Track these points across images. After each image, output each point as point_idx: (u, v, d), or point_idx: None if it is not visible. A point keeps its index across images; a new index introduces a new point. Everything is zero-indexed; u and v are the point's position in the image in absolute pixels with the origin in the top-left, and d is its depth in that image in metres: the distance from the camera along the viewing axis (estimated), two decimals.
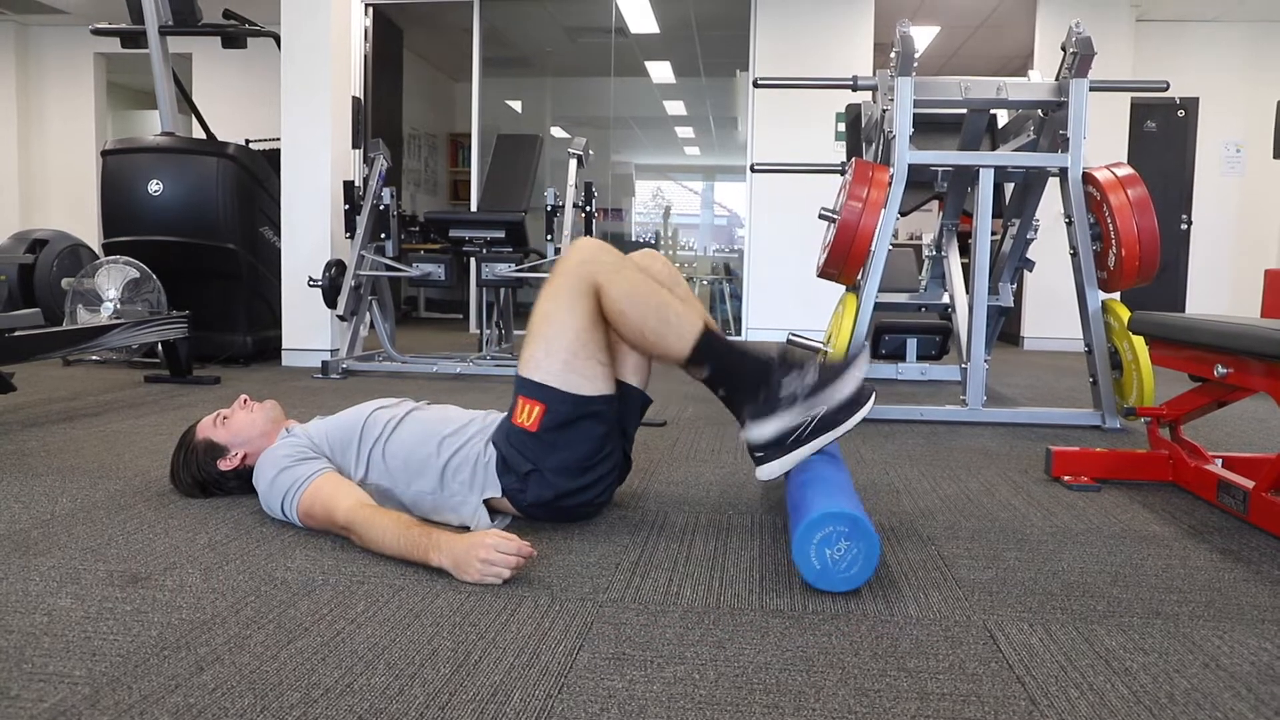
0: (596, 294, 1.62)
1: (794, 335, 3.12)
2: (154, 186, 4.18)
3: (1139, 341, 2.85)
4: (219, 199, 4.20)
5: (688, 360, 1.65)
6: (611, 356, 1.71)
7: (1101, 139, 5.88)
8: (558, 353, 1.63)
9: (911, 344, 4.24)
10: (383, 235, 4.24)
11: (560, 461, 1.64)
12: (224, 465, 1.82)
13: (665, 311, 1.63)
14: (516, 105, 8.21)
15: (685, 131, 9.10)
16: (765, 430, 1.65)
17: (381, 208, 4.20)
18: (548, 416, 1.63)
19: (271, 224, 4.45)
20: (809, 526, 1.38)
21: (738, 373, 1.66)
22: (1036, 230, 3.49)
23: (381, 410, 1.79)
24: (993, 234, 3.27)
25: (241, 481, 1.83)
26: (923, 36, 7.49)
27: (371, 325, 4.42)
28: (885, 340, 4.27)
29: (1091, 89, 2.95)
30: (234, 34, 4.46)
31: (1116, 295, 3.52)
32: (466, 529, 1.65)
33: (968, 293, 3.17)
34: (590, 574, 1.46)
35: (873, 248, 2.96)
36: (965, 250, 3.50)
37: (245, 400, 1.88)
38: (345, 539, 1.58)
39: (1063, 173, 2.98)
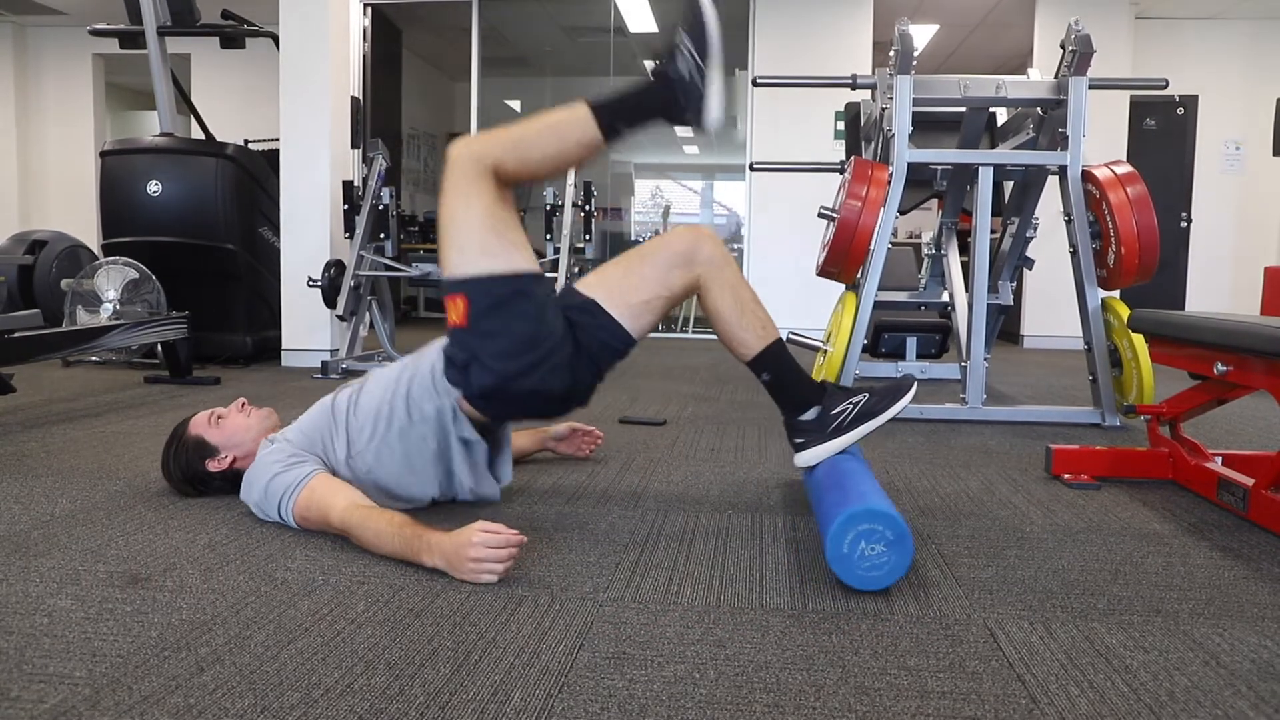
0: (490, 174, 1.63)
1: (794, 334, 3.13)
2: (153, 187, 4.18)
3: (1139, 339, 2.85)
4: (218, 199, 4.20)
5: (603, 135, 1.65)
6: (616, 279, 1.71)
7: (1101, 137, 5.88)
8: (469, 246, 1.62)
9: (911, 342, 4.24)
10: (382, 235, 4.24)
11: (497, 347, 1.62)
12: (212, 466, 1.82)
13: (547, 123, 1.66)
14: (515, 105, 8.21)
15: (684, 130, 9.09)
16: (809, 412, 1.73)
17: (381, 208, 4.20)
18: (472, 306, 1.62)
19: (271, 224, 4.45)
20: (861, 514, 1.37)
21: (643, 109, 1.71)
22: (1036, 228, 3.48)
23: (344, 392, 1.81)
24: (992, 232, 3.27)
25: (227, 483, 1.83)
26: (922, 35, 7.49)
27: (371, 325, 4.42)
28: (885, 339, 4.26)
29: (1090, 87, 2.95)
30: (232, 34, 4.46)
31: (1116, 293, 3.53)
32: (453, 500, 1.67)
33: (967, 291, 3.17)
34: (590, 573, 1.46)
35: (872, 246, 2.95)
36: (965, 248, 3.50)
37: (243, 404, 1.88)
38: (344, 539, 1.58)
39: (1062, 171, 2.98)
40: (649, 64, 1.73)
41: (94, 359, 4.25)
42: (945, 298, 3.70)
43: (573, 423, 2.29)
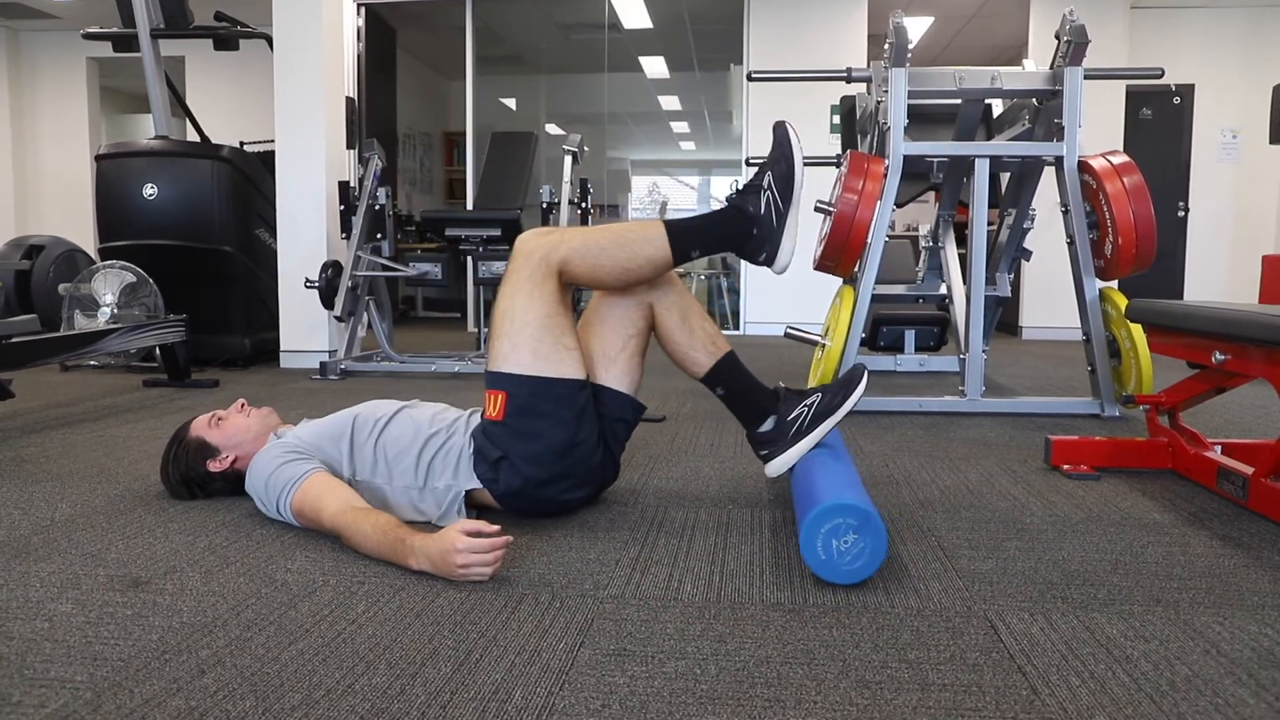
0: (557, 274, 1.64)
1: (792, 328, 3.13)
2: (149, 190, 4.18)
3: (1137, 329, 2.85)
4: (214, 202, 4.19)
5: (675, 258, 1.68)
6: (585, 346, 1.74)
7: (1097, 127, 5.87)
8: (522, 344, 1.63)
9: (909, 335, 4.24)
10: (379, 235, 4.24)
11: (530, 449, 1.64)
12: (213, 466, 1.82)
13: (622, 236, 1.68)
14: (511, 103, 8.20)
15: (680, 126, 9.09)
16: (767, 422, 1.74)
17: (377, 208, 4.19)
18: (511, 403, 1.63)
19: (267, 226, 4.44)
20: (818, 516, 1.38)
21: (718, 239, 1.75)
22: (1033, 220, 3.48)
23: (371, 410, 1.79)
24: (989, 224, 3.26)
25: (228, 484, 1.83)
26: (916, 28, 7.48)
27: (369, 325, 4.41)
28: (883, 332, 4.27)
29: (1086, 77, 2.94)
30: (226, 36, 4.45)
31: (1114, 283, 3.53)
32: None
33: (965, 283, 3.17)
34: (590, 571, 1.46)
35: (869, 239, 2.95)
36: (962, 240, 3.50)
37: (243, 405, 1.88)
38: None
39: (1058, 161, 2.97)
40: (729, 194, 1.77)
41: (92, 363, 4.25)
42: (943, 290, 3.70)
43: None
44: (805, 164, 1.74)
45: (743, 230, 1.69)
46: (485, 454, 1.66)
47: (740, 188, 1.73)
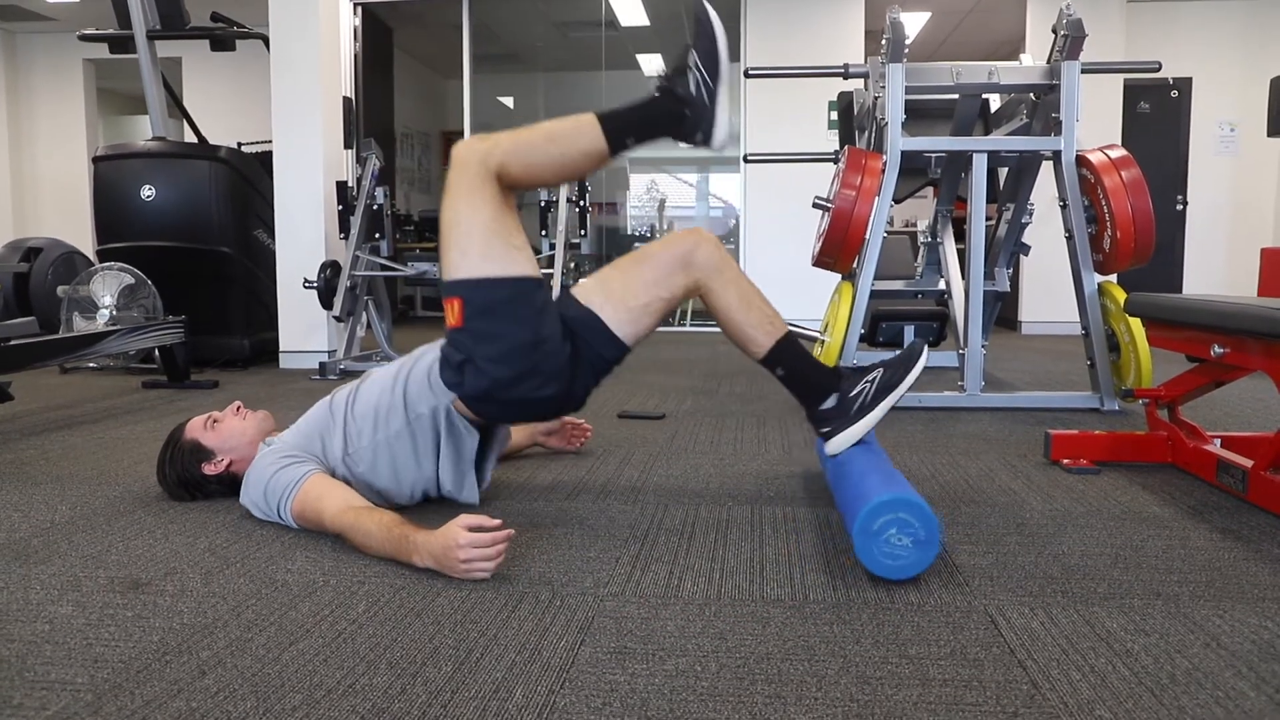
0: (495, 178, 1.63)
1: (792, 325, 3.12)
2: (146, 192, 4.17)
3: (1136, 323, 2.85)
4: (212, 203, 4.19)
5: (610, 146, 1.65)
6: (612, 279, 1.71)
7: (1095, 121, 5.86)
8: (470, 249, 1.62)
9: (909, 331, 4.23)
10: (377, 235, 4.23)
11: (492, 350, 1.62)
12: (208, 469, 1.82)
13: (554, 131, 1.66)
14: (508, 101, 8.20)
15: None
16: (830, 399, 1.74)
17: (375, 207, 4.19)
18: (468, 307, 1.62)
19: (265, 226, 4.44)
20: (906, 504, 1.37)
21: (650, 124, 1.72)
22: (1031, 214, 3.48)
23: (341, 390, 1.81)
24: (987, 219, 3.26)
25: (224, 486, 1.84)
26: (913, 23, 7.47)
27: (368, 325, 4.41)
28: (882, 328, 4.26)
29: (1083, 71, 2.94)
30: (222, 37, 4.44)
31: (1113, 277, 3.52)
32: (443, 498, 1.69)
33: (964, 278, 3.17)
34: (590, 569, 1.46)
35: (868, 235, 2.95)
36: (960, 236, 3.49)
37: (239, 407, 1.88)
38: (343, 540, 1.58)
39: (1056, 156, 2.97)
40: (656, 79, 1.74)
41: (91, 365, 4.25)
42: (942, 285, 3.70)
43: (563, 416, 2.31)
44: (803, 160, 1.73)
45: (675, 112, 1.68)
46: (450, 360, 1.66)
47: (667, 71, 1.71)
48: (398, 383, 1.72)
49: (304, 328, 4.36)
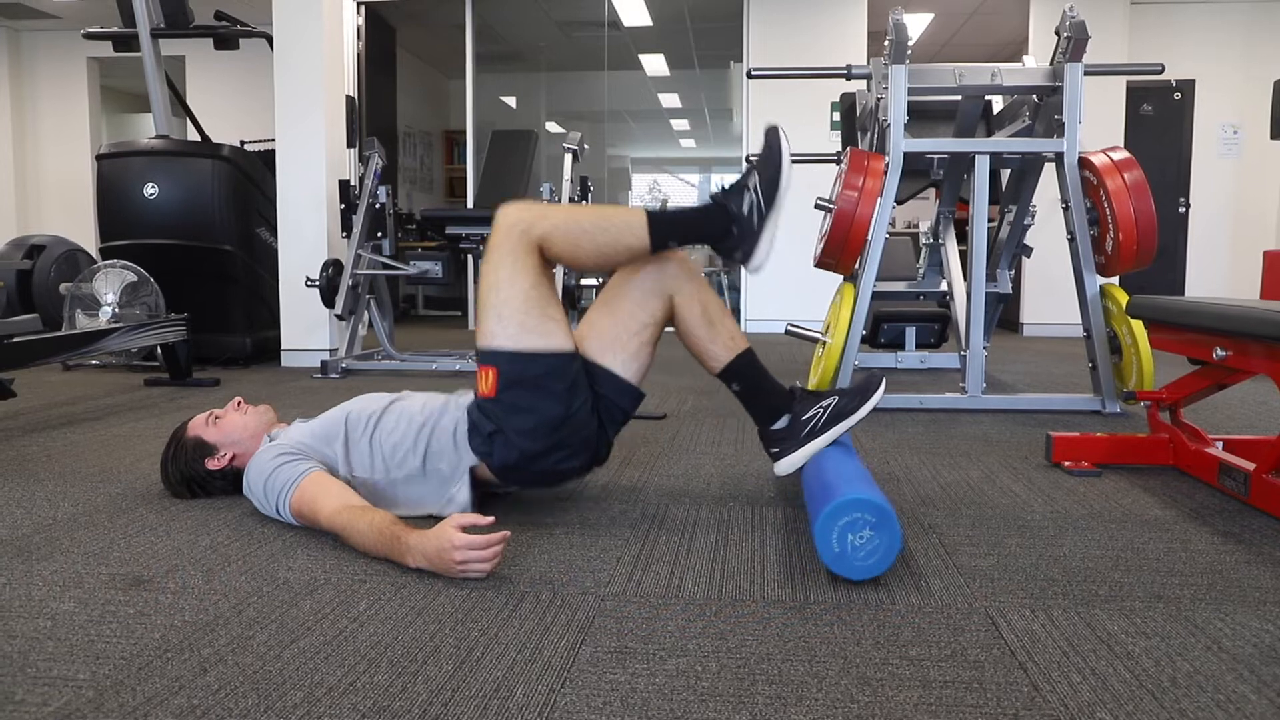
0: (538, 249, 1.64)
1: (793, 326, 3.12)
2: (149, 190, 4.18)
3: (1138, 325, 2.85)
4: (214, 201, 4.19)
5: (651, 246, 1.67)
6: (598, 325, 1.74)
7: (1097, 123, 5.86)
8: (509, 318, 1.63)
9: (910, 332, 4.23)
10: (379, 234, 4.24)
11: (523, 423, 1.64)
12: (212, 465, 1.82)
13: (605, 219, 1.68)
14: (511, 101, 8.20)
15: (680, 124, 9.09)
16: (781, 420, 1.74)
17: (378, 206, 4.19)
18: (502, 378, 1.64)
19: (268, 225, 4.44)
20: (837, 509, 1.38)
21: (697, 232, 1.74)
22: (1033, 216, 3.48)
23: (362, 407, 1.79)
24: (990, 220, 3.26)
25: (227, 482, 1.84)
26: (916, 24, 7.47)
27: (370, 324, 4.41)
28: (884, 329, 4.26)
29: (1086, 73, 2.94)
30: (226, 35, 4.45)
31: (1115, 280, 3.52)
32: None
33: (966, 280, 3.17)
34: (591, 568, 1.47)
35: (869, 236, 2.95)
36: (962, 237, 3.49)
37: (239, 402, 1.89)
38: None
39: (1059, 158, 2.97)
40: (714, 192, 1.76)
41: (94, 362, 4.25)
42: (944, 287, 3.69)
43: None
44: (805, 161, 1.74)
45: (723, 227, 1.69)
46: (480, 428, 1.67)
47: (726, 186, 1.73)
48: (422, 434, 1.71)
49: (306, 326, 4.37)
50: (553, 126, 8.17)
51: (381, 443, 1.72)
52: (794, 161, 1.77)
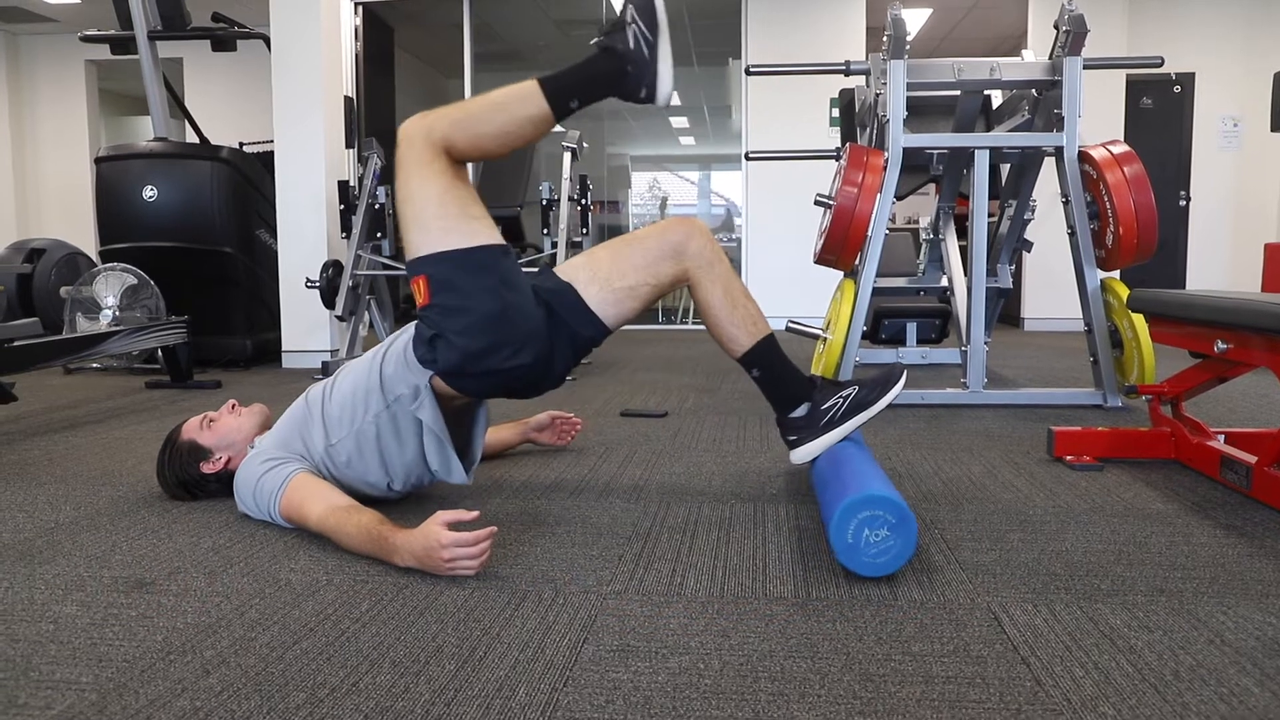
0: (444, 151, 1.62)
1: (793, 322, 3.12)
2: (149, 192, 4.18)
3: (1139, 319, 2.85)
4: (214, 203, 4.19)
5: (552, 111, 1.64)
6: (602, 259, 1.70)
7: (1097, 117, 5.85)
8: (429, 224, 1.62)
9: (911, 328, 4.24)
10: (379, 234, 4.23)
11: (460, 322, 1.61)
12: (206, 468, 1.83)
13: (497, 100, 1.65)
14: None
15: (680, 121, 9.08)
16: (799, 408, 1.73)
17: (377, 207, 4.19)
18: (433, 283, 1.62)
19: (267, 226, 4.44)
20: (860, 502, 1.38)
21: (592, 84, 1.69)
22: (1033, 211, 3.48)
23: (318, 384, 1.81)
24: (990, 215, 3.26)
25: (223, 485, 1.84)
26: (915, 19, 7.46)
27: (371, 325, 4.41)
28: (885, 325, 4.26)
29: (1085, 67, 2.93)
30: (223, 37, 4.45)
31: (1116, 273, 3.52)
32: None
33: (966, 275, 3.17)
34: (593, 567, 1.46)
35: (869, 232, 2.95)
36: (963, 232, 3.49)
37: (233, 405, 1.89)
38: None
39: (1058, 152, 2.97)
40: (595, 40, 1.71)
41: (95, 366, 4.25)
42: (944, 282, 3.69)
43: (552, 411, 2.32)
44: (805, 157, 1.72)
45: (617, 69, 1.65)
46: (422, 336, 1.66)
47: (605, 29, 1.69)
48: (374, 366, 1.71)
49: (306, 327, 4.37)
50: None
51: (343, 394, 1.71)
52: (794, 157, 1.76)
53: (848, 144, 3.27)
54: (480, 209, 1.66)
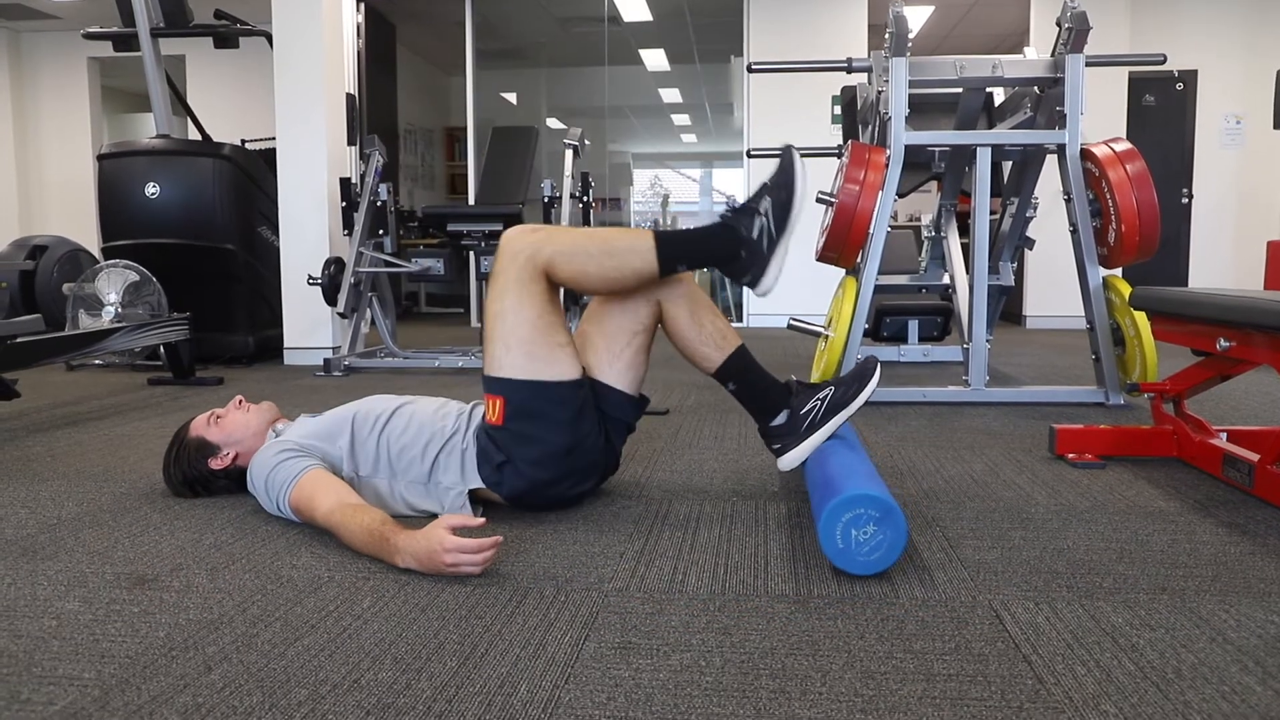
0: (544, 274, 1.64)
1: (795, 320, 3.12)
2: (151, 189, 4.18)
3: (1141, 317, 2.84)
4: (216, 200, 4.20)
5: (660, 270, 1.65)
6: (590, 338, 1.76)
7: (1099, 114, 5.84)
8: (515, 348, 1.64)
9: (913, 325, 4.23)
10: (381, 231, 4.24)
11: (531, 453, 1.65)
12: (215, 464, 1.83)
13: (610, 243, 1.67)
14: (511, 97, 8.18)
15: (681, 119, 9.07)
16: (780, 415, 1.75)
17: (379, 204, 4.19)
18: (509, 407, 1.64)
19: (269, 223, 4.45)
20: (841, 505, 1.38)
21: (705, 256, 1.73)
22: (1035, 208, 3.47)
23: (370, 407, 1.79)
24: (992, 213, 3.25)
25: (231, 481, 1.84)
26: (917, 17, 7.45)
27: (372, 322, 4.42)
28: (886, 322, 4.26)
29: (1088, 64, 2.93)
30: (226, 34, 4.44)
31: (1118, 271, 3.51)
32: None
33: (968, 273, 3.17)
34: (595, 564, 1.47)
35: (871, 230, 2.95)
36: (964, 230, 3.49)
37: (240, 401, 1.89)
38: None
39: (1060, 149, 2.96)
40: (722, 210, 1.74)
41: (97, 362, 4.26)
42: (946, 280, 3.69)
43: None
44: (807, 155, 1.72)
45: (731, 251, 1.68)
46: (489, 456, 1.67)
47: (736, 205, 1.70)
48: (431, 447, 1.71)
49: (308, 324, 4.37)
50: (553, 122, 8.16)
51: (390, 443, 1.72)
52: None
53: (849, 141, 3.27)
54: (567, 336, 1.68)
